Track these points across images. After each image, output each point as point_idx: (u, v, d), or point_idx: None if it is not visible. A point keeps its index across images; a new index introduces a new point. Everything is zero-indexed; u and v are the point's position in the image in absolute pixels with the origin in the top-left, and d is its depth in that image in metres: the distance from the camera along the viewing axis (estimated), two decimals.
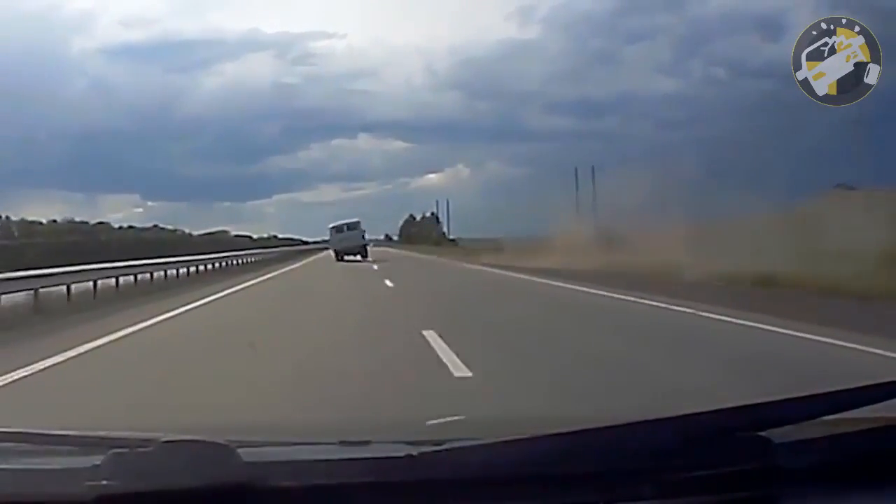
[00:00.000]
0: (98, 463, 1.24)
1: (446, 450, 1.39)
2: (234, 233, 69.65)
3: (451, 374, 7.05)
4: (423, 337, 9.33)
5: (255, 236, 70.40)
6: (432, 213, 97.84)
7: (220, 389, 6.65)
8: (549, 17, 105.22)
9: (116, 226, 60.05)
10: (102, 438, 1.47)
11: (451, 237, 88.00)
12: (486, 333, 10.39)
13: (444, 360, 7.68)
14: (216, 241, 58.46)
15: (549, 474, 1.32)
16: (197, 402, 6.11)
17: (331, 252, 51.42)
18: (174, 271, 25.95)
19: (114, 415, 5.48)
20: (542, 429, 1.44)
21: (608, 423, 1.43)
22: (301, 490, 1.27)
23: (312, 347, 9.17)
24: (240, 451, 1.28)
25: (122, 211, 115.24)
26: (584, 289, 18.32)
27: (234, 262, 37.53)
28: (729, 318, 11.06)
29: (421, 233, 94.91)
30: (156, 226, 67.03)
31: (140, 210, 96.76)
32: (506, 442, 1.38)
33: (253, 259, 43.16)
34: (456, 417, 3.29)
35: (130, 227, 61.79)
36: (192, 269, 28.62)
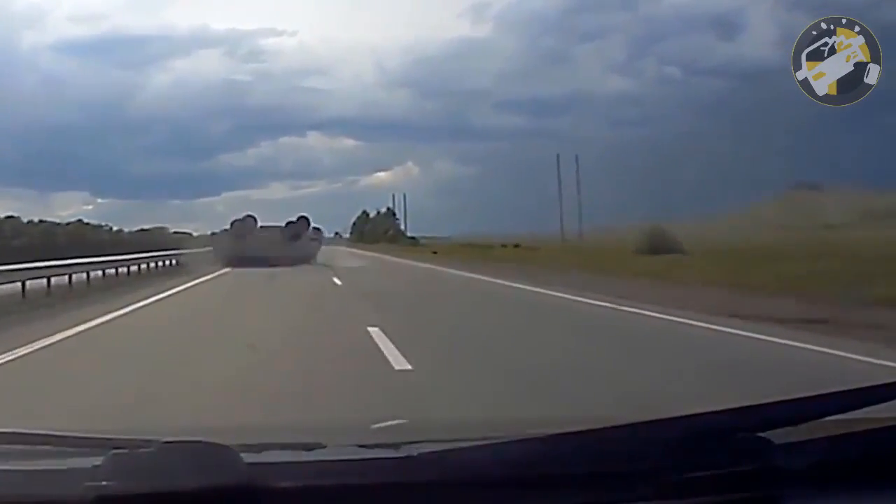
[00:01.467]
0: (98, 464, 1.24)
1: (443, 451, 1.39)
2: (173, 230, 67.38)
3: None
4: None
5: (195, 234, 68.11)
6: (388, 209, 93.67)
7: None
8: (502, 15, 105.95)
9: (26, 220, 55.69)
10: (102, 439, 1.47)
11: (411, 235, 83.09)
12: None
13: None
14: (149, 241, 50.80)
15: (547, 475, 1.32)
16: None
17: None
18: (66, 278, 19.80)
19: None
20: (541, 430, 1.44)
21: (608, 424, 1.43)
22: (302, 491, 1.27)
23: None
24: (240, 451, 1.28)
25: (72, 208, 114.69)
26: None
27: (157, 263, 30.18)
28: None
29: (376, 229, 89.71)
30: (80, 220, 62.91)
31: (90, 207, 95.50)
32: (504, 443, 1.38)
33: (175, 262, 33.24)
34: (454, 419, 3.30)
35: (41, 220, 56.77)
36: (99, 272, 22.90)
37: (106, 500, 1.21)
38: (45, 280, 18.62)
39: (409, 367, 7.41)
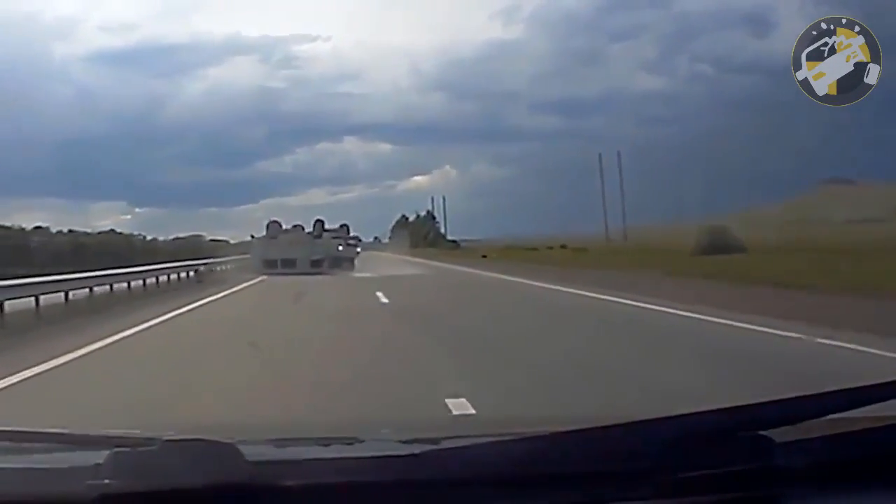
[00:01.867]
0: (100, 462, 1.24)
1: (448, 448, 1.39)
2: (209, 237, 67.24)
3: None
4: None
5: (232, 241, 67.86)
6: (428, 212, 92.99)
7: None
8: (534, 16, 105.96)
9: (55, 230, 52.67)
10: (104, 437, 1.47)
11: (451, 238, 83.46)
12: None
13: None
14: (184, 249, 49.07)
15: (549, 474, 1.32)
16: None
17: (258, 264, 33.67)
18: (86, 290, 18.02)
19: None
20: (542, 428, 1.44)
21: (608, 423, 1.43)
22: (305, 489, 1.27)
23: None
24: (243, 449, 1.28)
25: (110, 218, 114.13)
26: None
27: (178, 275, 27.21)
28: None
29: (416, 233, 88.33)
30: (112, 230, 60.50)
31: (128, 217, 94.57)
32: (505, 441, 1.38)
33: (206, 268, 31.40)
34: (457, 416, 3.29)
35: (70, 230, 53.61)
36: (126, 284, 21.07)
37: (108, 498, 1.21)
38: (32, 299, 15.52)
39: None
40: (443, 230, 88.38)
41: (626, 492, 1.32)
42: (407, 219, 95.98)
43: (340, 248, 36.51)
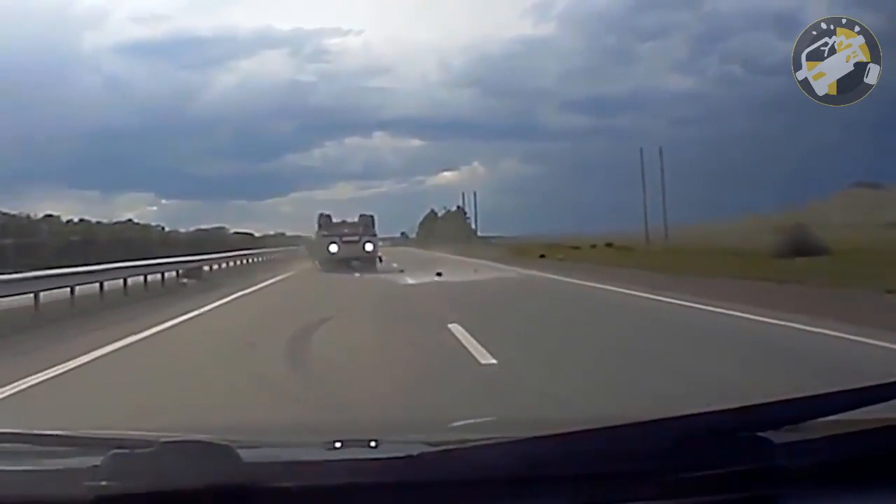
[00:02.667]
0: (97, 464, 1.24)
1: (447, 450, 1.39)
2: (233, 230, 66.84)
3: None
4: None
5: (256, 234, 67.21)
6: (458, 207, 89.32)
7: None
8: (565, 13, 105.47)
9: (65, 219, 51.40)
10: (101, 439, 1.47)
11: (481, 234, 79.05)
12: None
13: None
14: (207, 241, 47.49)
15: (549, 475, 1.32)
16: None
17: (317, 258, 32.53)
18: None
19: None
20: (542, 429, 1.44)
21: (609, 424, 1.43)
22: (301, 491, 1.27)
23: None
24: (240, 451, 1.28)
25: (137, 209, 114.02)
26: None
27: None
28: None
29: (446, 229, 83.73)
30: (130, 220, 59.50)
31: (154, 208, 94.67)
32: (506, 442, 1.38)
33: (229, 264, 30.67)
34: (456, 418, 3.29)
35: (81, 220, 52.11)
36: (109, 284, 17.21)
37: (106, 500, 1.21)
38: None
39: None
40: (473, 226, 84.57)
41: (630, 492, 1.32)
42: (436, 214, 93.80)
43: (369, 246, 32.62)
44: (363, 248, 31.95)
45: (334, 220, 33.89)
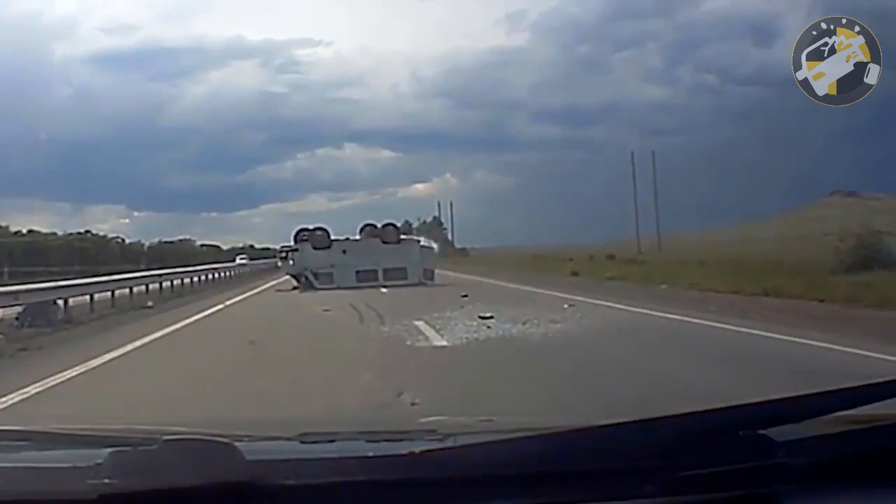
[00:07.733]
0: (100, 461, 1.24)
1: (448, 447, 1.39)
2: (200, 242, 65.25)
3: None
4: None
5: (224, 247, 64.37)
6: (434, 217, 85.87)
7: None
8: (538, 23, 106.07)
9: (25, 230, 50.93)
10: (104, 436, 1.47)
11: (458, 246, 76.65)
12: None
13: None
14: (169, 254, 45.98)
15: (552, 472, 1.32)
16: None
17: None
18: None
19: None
20: (543, 427, 1.44)
21: (610, 421, 1.43)
22: (303, 488, 1.27)
23: None
24: (242, 448, 1.28)
25: (109, 222, 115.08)
26: None
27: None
28: None
29: None
30: (87, 232, 58.37)
31: (126, 221, 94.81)
32: (507, 440, 1.38)
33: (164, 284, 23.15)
34: (456, 416, 3.29)
35: (30, 231, 51.65)
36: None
37: (108, 498, 1.21)
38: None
39: None
40: (450, 237, 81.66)
41: (630, 490, 1.32)
42: (411, 225, 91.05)
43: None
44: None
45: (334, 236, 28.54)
